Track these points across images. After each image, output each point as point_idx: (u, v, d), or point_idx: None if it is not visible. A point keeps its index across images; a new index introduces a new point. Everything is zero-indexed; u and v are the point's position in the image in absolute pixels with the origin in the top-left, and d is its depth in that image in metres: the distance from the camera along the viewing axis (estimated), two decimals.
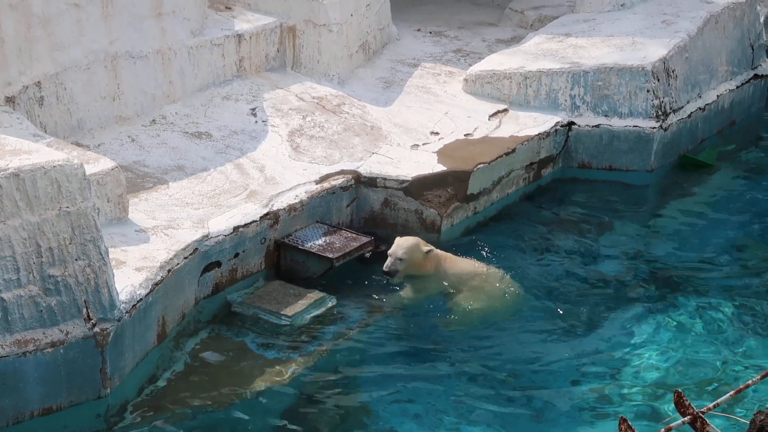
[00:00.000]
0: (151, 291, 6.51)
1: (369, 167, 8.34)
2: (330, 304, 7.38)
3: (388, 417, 6.48)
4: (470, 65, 9.94)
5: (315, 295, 7.40)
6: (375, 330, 7.28)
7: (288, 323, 7.15)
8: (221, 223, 7.32)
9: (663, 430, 4.30)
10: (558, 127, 9.23)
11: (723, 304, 7.72)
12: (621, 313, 7.60)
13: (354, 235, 7.88)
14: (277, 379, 6.70)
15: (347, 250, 7.67)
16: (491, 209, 8.76)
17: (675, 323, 7.49)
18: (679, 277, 8.06)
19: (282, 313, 7.20)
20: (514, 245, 8.41)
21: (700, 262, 8.28)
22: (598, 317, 7.54)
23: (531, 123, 9.19)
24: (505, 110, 9.38)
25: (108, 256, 6.22)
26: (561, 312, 7.56)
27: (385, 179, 8.27)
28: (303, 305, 7.29)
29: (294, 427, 6.40)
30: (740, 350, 7.20)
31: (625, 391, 6.76)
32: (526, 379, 6.86)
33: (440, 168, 8.42)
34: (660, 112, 9.34)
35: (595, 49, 9.70)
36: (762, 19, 10.91)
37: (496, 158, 8.68)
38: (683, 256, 8.38)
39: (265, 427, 6.37)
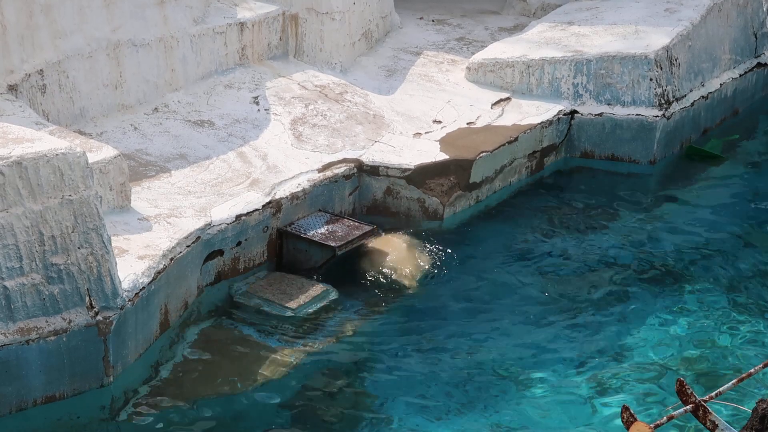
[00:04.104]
0: (153, 279, 6.51)
1: (371, 155, 8.33)
2: (333, 296, 7.37)
3: (392, 407, 6.49)
4: (473, 53, 9.93)
5: (318, 288, 7.39)
6: (377, 319, 7.28)
7: (291, 314, 7.15)
8: (223, 212, 7.32)
9: (665, 418, 4.31)
10: (561, 115, 9.22)
11: (725, 293, 7.73)
12: (623, 302, 7.60)
13: (356, 224, 7.88)
14: (281, 369, 6.70)
15: (349, 239, 7.66)
16: (494, 198, 8.75)
17: (677, 312, 7.49)
18: (681, 267, 8.06)
19: (286, 305, 7.20)
20: (515, 234, 8.40)
21: (703, 252, 8.28)
22: (600, 306, 7.54)
23: (533, 111, 9.18)
24: (508, 99, 9.37)
25: (110, 244, 6.22)
26: (562, 301, 7.57)
27: (387, 168, 8.26)
28: (307, 298, 7.28)
29: (296, 417, 6.41)
30: (743, 339, 7.21)
31: (627, 379, 6.76)
32: (528, 368, 6.87)
33: (443, 156, 8.41)
34: (663, 101, 9.33)
35: (598, 38, 9.68)
36: (765, 8, 10.89)
37: (499, 147, 8.67)
38: (686, 245, 8.37)
39: (268, 418, 6.38)
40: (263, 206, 7.54)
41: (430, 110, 9.11)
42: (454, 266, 7.86)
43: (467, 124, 8.96)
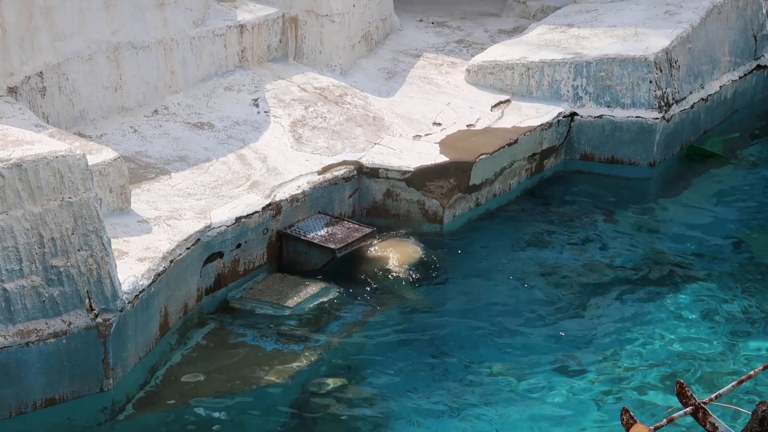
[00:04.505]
0: (153, 281, 6.51)
1: (371, 158, 8.33)
2: (332, 295, 7.38)
3: (391, 409, 6.49)
4: (472, 56, 9.94)
5: (316, 286, 7.41)
6: (377, 321, 7.28)
7: (290, 315, 7.16)
8: (223, 214, 7.32)
9: (665, 420, 4.31)
10: (560, 117, 9.23)
11: (726, 295, 7.72)
12: (623, 303, 7.60)
13: (356, 226, 7.88)
14: (280, 371, 6.70)
15: (349, 241, 7.67)
16: (493, 200, 8.76)
17: (677, 314, 7.49)
18: (681, 268, 8.06)
19: (284, 304, 7.20)
20: (515, 236, 8.41)
21: (703, 253, 8.28)
22: (599, 308, 7.54)
23: (533, 114, 9.19)
24: (508, 101, 9.38)
25: (110, 246, 6.22)
26: (562, 302, 7.57)
27: (387, 170, 8.27)
28: (304, 296, 7.30)
29: (296, 419, 6.41)
30: (743, 341, 7.21)
31: (627, 381, 6.76)
32: (527, 370, 6.86)
33: (442, 159, 8.41)
34: (662, 103, 9.33)
35: (598, 40, 9.68)
36: (765, 10, 10.90)
37: (499, 149, 8.67)
38: (686, 246, 8.37)
39: (268, 420, 6.37)
40: (263, 208, 7.54)
41: (429, 112, 9.11)
42: (454, 268, 7.86)
43: (467, 126, 8.96)
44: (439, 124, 8.95)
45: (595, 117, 9.31)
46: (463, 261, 7.97)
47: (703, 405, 4.37)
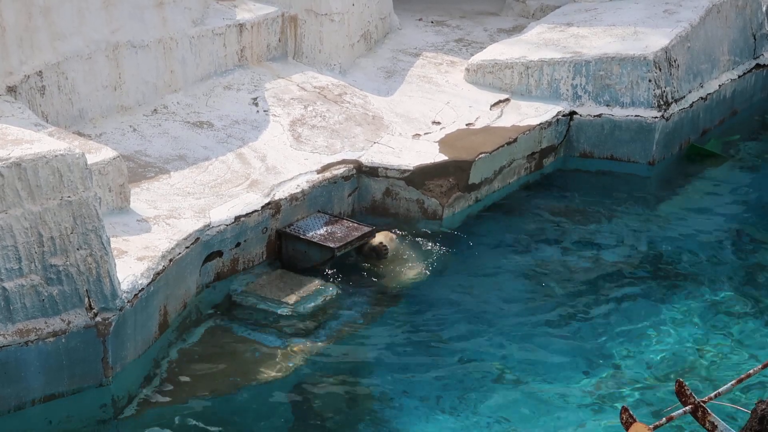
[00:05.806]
0: (152, 280, 6.51)
1: (370, 157, 8.33)
2: (331, 294, 7.39)
3: (391, 407, 6.49)
4: (472, 55, 9.93)
5: (317, 284, 7.41)
6: (376, 319, 7.28)
7: (290, 312, 7.16)
8: (222, 213, 7.32)
9: (664, 419, 4.31)
10: (559, 116, 9.23)
11: (725, 293, 7.73)
12: (622, 302, 7.60)
13: (355, 225, 7.88)
14: (280, 369, 6.70)
15: (348, 240, 7.67)
16: (493, 199, 8.76)
17: (676, 313, 7.49)
18: (680, 267, 8.06)
19: (284, 301, 7.21)
20: (515, 235, 8.41)
21: (703, 252, 8.28)
22: (599, 307, 7.54)
23: (532, 112, 9.19)
24: (507, 100, 9.38)
25: (109, 245, 6.22)
26: (562, 301, 7.57)
27: (386, 169, 8.27)
28: (305, 294, 7.30)
29: (296, 417, 6.41)
30: (742, 340, 7.21)
31: (627, 380, 6.76)
32: (528, 369, 6.87)
33: (442, 157, 8.41)
34: (662, 102, 9.33)
35: (597, 39, 9.69)
36: (764, 9, 10.90)
37: (498, 148, 8.68)
38: (685, 245, 8.38)
39: (267, 417, 6.38)
40: (262, 207, 7.55)
41: (429, 111, 9.12)
42: (453, 266, 7.86)
43: (466, 125, 8.96)
44: (439, 123, 8.96)
45: (594, 116, 9.31)
46: (462, 259, 7.97)
47: (702, 404, 4.37)
